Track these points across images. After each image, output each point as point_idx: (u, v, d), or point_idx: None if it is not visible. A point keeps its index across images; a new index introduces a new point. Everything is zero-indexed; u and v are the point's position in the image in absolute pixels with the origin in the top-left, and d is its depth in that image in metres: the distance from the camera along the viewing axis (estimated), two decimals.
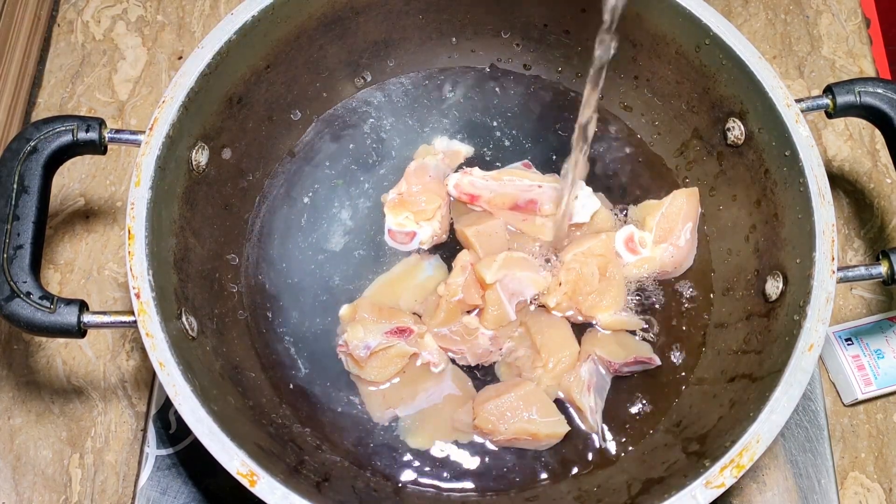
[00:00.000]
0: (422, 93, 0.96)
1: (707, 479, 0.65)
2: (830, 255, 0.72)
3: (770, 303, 0.77)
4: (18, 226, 0.69)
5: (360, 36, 0.92)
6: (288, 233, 0.88)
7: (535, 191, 0.87)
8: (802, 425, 0.87)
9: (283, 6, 0.81)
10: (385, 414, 0.80)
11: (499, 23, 0.94)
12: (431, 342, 0.82)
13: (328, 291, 0.85)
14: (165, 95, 0.75)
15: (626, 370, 0.82)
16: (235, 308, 0.84)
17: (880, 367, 0.89)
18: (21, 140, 0.72)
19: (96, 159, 1.00)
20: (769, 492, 0.85)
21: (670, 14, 0.83)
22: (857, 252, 0.99)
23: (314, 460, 0.77)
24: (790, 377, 0.68)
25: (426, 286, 0.85)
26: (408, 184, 0.89)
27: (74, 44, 1.07)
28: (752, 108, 0.81)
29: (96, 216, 0.98)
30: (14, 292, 0.67)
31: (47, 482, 0.86)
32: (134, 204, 0.71)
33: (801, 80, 1.07)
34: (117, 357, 0.91)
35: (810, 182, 0.74)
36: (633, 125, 0.95)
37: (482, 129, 0.94)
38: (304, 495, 0.63)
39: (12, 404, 0.88)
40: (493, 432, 0.78)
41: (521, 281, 0.83)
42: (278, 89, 0.88)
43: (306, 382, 0.82)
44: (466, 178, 0.89)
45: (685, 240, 0.86)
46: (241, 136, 0.86)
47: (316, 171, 0.91)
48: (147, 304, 0.68)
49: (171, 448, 0.84)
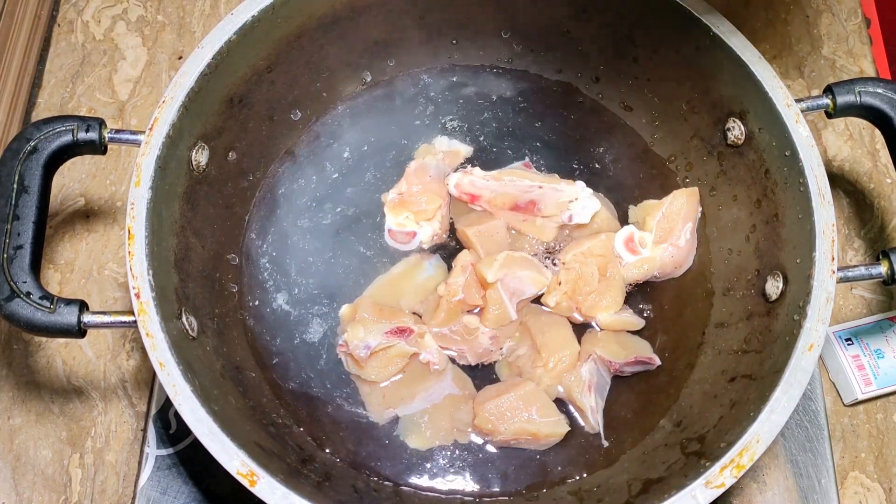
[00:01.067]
0: (422, 93, 0.96)
1: (707, 479, 0.65)
2: (830, 255, 0.72)
3: (770, 303, 0.77)
4: (18, 226, 0.69)
5: (360, 36, 0.91)
6: (288, 232, 0.88)
7: (536, 192, 0.87)
8: (802, 425, 0.87)
9: (283, 6, 0.81)
10: (385, 414, 0.80)
11: (499, 23, 0.94)
12: (432, 342, 0.82)
13: (328, 291, 0.85)
14: (165, 95, 0.75)
15: (627, 370, 0.82)
16: (236, 308, 0.84)
17: (880, 367, 0.89)
18: (21, 140, 0.72)
19: (96, 159, 1.00)
20: (769, 492, 0.85)
21: (670, 14, 0.83)
22: (857, 252, 0.99)
23: (314, 460, 0.77)
24: (790, 377, 0.68)
25: (426, 286, 0.85)
26: (408, 184, 0.89)
27: (74, 44, 1.07)
28: (753, 108, 0.81)
29: (96, 216, 0.98)
30: (14, 292, 0.67)
31: (47, 482, 0.86)
32: (134, 204, 0.71)
33: (801, 80, 1.07)
34: (117, 357, 0.91)
35: (810, 182, 0.74)
36: (633, 125, 0.95)
37: (482, 129, 0.94)
38: (304, 495, 0.63)
39: (12, 404, 0.88)
40: (492, 432, 0.78)
41: (522, 280, 0.83)
42: (279, 89, 0.88)
43: (306, 382, 0.82)
44: (467, 178, 0.89)
45: (685, 240, 0.86)
46: (242, 136, 0.86)
47: (316, 170, 0.91)
48: (147, 304, 0.68)
49: (171, 448, 0.84)
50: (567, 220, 0.86)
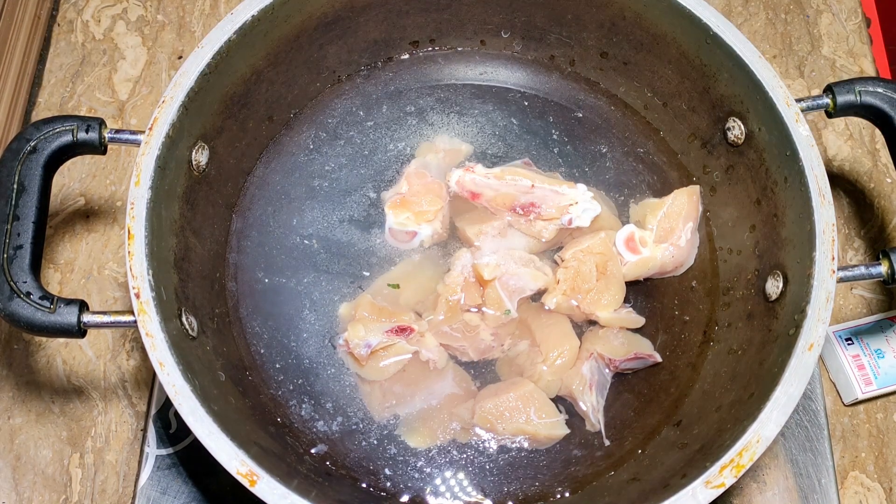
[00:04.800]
0: (422, 92, 0.96)
1: (707, 479, 0.65)
2: (830, 255, 0.72)
3: (770, 302, 0.77)
4: (18, 226, 0.69)
5: (360, 36, 0.92)
6: (288, 232, 0.88)
7: (536, 193, 0.87)
8: (802, 425, 0.87)
9: (283, 6, 0.81)
10: (385, 412, 0.80)
11: (499, 22, 0.94)
12: (432, 341, 0.82)
13: (328, 290, 0.85)
14: (165, 95, 0.75)
15: (627, 367, 0.82)
16: (236, 308, 0.84)
17: (880, 367, 0.89)
18: (21, 140, 0.72)
19: (96, 159, 1.00)
20: (769, 491, 0.85)
21: (670, 14, 0.83)
22: (857, 252, 0.99)
23: (314, 460, 0.77)
24: (790, 377, 0.68)
25: (426, 285, 0.85)
26: (409, 184, 0.89)
27: (74, 43, 1.07)
28: (753, 107, 0.81)
29: (96, 216, 0.98)
30: (14, 292, 0.67)
31: (47, 482, 0.86)
32: (134, 204, 0.71)
33: (802, 79, 1.07)
34: (117, 357, 0.91)
35: (810, 182, 0.74)
36: (634, 124, 0.95)
37: (483, 128, 0.94)
38: (304, 495, 0.63)
39: (12, 404, 0.88)
40: (492, 432, 0.78)
41: (521, 277, 0.83)
42: (278, 89, 0.88)
43: (306, 382, 0.82)
44: (469, 175, 0.89)
45: (686, 239, 0.86)
46: (242, 135, 0.86)
47: (316, 170, 0.91)
48: (147, 303, 0.68)
49: (171, 448, 0.84)
50: (567, 224, 0.86)
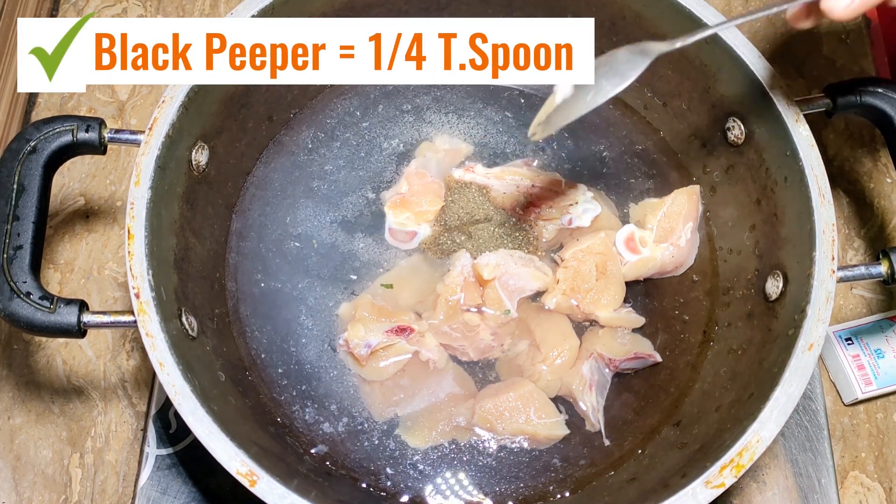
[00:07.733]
0: (423, 91, 0.96)
1: (707, 479, 0.65)
2: (830, 255, 0.72)
3: (770, 302, 0.77)
4: (18, 226, 0.69)
5: None
6: (288, 232, 0.88)
7: (536, 193, 0.87)
8: (802, 425, 0.87)
9: (283, 6, 0.81)
10: (385, 412, 0.80)
11: None
12: (432, 340, 0.82)
13: (328, 290, 0.85)
14: (165, 95, 0.75)
15: (627, 367, 0.82)
16: (236, 308, 0.84)
17: (880, 367, 0.89)
18: (21, 140, 0.72)
19: (96, 159, 0.99)
20: (769, 491, 0.85)
21: (670, 14, 0.83)
22: (857, 251, 0.99)
23: (314, 460, 0.77)
24: (790, 376, 0.68)
25: (426, 285, 0.85)
26: (409, 184, 0.89)
27: None
28: (753, 107, 0.80)
29: (96, 216, 0.98)
30: (14, 292, 0.67)
31: (47, 482, 0.86)
32: (133, 204, 0.71)
33: (802, 79, 1.07)
34: (117, 357, 0.91)
35: (810, 181, 0.74)
36: (634, 124, 0.95)
37: (483, 127, 0.94)
38: (304, 495, 0.63)
39: (12, 404, 0.88)
40: (491, 432, 0.78)
41: (521, 277, 0.83)
42: (278, 89, 0.88)
43: (306, 382, 0.81)
44: (469, 175, 0.89)
45: (686, 239, 0.86)
46: (242, 135, 0.86)
47: (316, 170, 0.91)
48: (147, 303, 0.68)
49: (171, 448, 0.84)
50: (567, 224, 0.86)
